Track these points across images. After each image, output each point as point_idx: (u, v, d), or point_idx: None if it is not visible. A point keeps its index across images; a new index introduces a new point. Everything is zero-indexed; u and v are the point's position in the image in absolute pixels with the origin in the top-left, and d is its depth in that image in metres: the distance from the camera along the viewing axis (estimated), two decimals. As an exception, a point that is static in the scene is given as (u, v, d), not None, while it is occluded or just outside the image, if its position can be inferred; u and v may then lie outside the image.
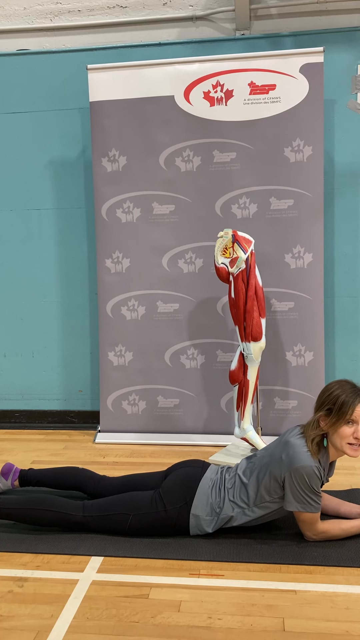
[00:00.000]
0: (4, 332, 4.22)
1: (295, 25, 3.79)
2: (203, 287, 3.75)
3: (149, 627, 1.90)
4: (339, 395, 2.28)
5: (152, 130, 3.67)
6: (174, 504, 2.42)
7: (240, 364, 3.27)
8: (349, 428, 2.26)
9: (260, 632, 1.87)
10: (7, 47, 4.03)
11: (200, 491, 2.42)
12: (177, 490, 2.44)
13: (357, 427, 2.26)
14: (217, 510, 2.40)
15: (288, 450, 2.33)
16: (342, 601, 2.02)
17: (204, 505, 2.41)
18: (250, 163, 3.62)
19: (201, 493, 2.42)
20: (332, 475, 2.50)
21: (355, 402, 2.26)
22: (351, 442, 2.27)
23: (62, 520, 2.46)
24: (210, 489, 2.43)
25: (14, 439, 3.89)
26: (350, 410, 2.24)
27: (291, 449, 2.32)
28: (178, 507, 2.41)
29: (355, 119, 3.76)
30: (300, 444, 2.32)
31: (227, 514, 2.40)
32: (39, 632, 1.90)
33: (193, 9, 3.86)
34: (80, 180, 4.03)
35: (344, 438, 2.27)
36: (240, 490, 2.41)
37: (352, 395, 2.27)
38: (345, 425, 2.27)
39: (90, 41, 3.97)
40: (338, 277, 3.89)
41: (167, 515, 2.41)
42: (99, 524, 2.46)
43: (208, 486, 2.44)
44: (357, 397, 2.27)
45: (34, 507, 2.48)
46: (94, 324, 4.10)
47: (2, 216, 4.13)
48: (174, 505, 2.42)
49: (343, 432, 2.27)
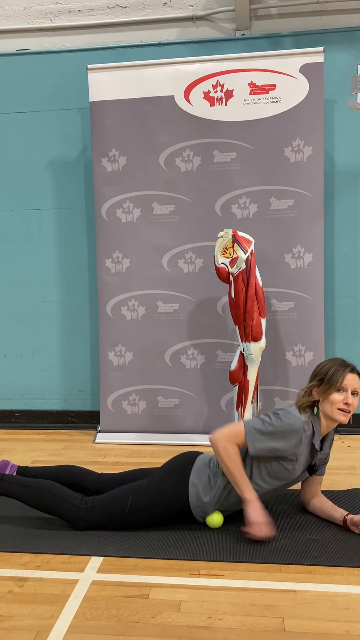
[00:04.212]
0: (4, 332, 4.22)
1: (295, 25, 3.79)
2: (203, 287, 3.75)
3: (149, 627, 1.90)
4: (330, 367, 2.40)
5: (152, 130, 3.67)
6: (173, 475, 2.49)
7: (240, 364, 3.27)
8: (339, 395, 2.36)
9: (260, 632, 1.87)
10: (7, 47, 4.03)
11: (198, 464, 2.52)
12: (175, 466, 2.54)
13: (347, 394, 2.36)
14: (213, 479, 2.46)
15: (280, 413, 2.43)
16: (342, 601, 2.02)
17: (201, 474, 2.48)
18: (250, 163, 3.62)
19: (199, 464, 2.52)
20: (328, 462, 2.59)
21: (345, 371, 2.37)
22: (341, 407, 2.36)
23: (63, 508, 2.48)
24: (208, 461, 2.53)
25: (14, 439, 3.89)
26: (341, 379, 2.36)
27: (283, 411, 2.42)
28: (177, 477, 2.48)
29: (355, 119, 3.76)
30: (292, 409, 2.42)
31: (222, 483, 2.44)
32: (39, 632, 1.90)
33: (193, 9, 3.86)
34: (80, 180, 4.03)
35: (335, 404, 2.36)
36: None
37: (342, 366, 2.39)
38: (336, 392, 2.36)
39: (90, 41, 3.97)
40: (338, 277, 3.89)
41: (165, 487, 2.46)
42: (99, 512, 2.47)
43: (206, 459, 2.55)
44: (347, 368, 2.39)
45: (39, 488, 2.52)
46: (94, 324, 4.10)
47: (2, 216, 4.13)
48: (173, 476, 2.48)
49: (334, 399, 2.36)
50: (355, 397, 2.38)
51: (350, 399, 2.36)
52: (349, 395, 2.36)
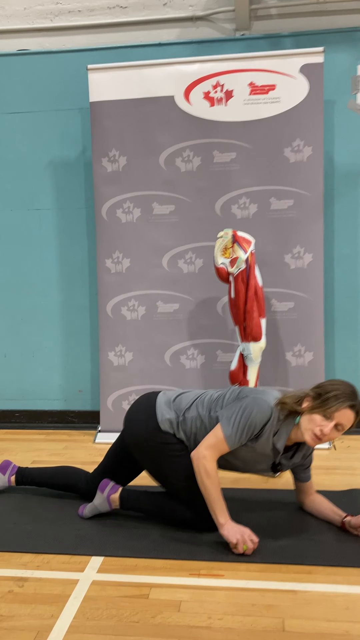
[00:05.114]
0: (4, 332, 4.22)
1: (295, 25, 3.79)
2: (203, 287, 3.75)
3: (149, 627, 1.90)
4: (335, 390, 2.22)
5: (152, 130, 3.67)
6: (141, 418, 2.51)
7: (240, 364, 3.27)
8: (322, 420, 2.19)
9: (260, 632, 1.87)
10: (7, 47, 4.03)
11: (160, 413, 2.49)
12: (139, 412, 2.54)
13: (329, 425, 2.18)
14: (174, 402, 2.50)
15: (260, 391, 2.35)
16: (342, 601, 2.02)
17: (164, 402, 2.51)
18: (250, 163, 3.62)
19: (161, 412, 2.49)
20: (311, 463, 2.54)
21: (343, 404, 2.19)
22: (316, 432, 2.20)
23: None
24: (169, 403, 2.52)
25: (14, 439, 3.89)
26: (334, 408, 2.18)
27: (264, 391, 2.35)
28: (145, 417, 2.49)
29: (355, 119, 3.76)
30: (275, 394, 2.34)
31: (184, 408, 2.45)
32: (39, 632, 1.90)
33: (193, 9, 3.86)
34: (80, 180, 4.03)
35: (312, 424, 2.21)
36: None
37: (345, 397, 2.20)
38: (321, 416, 2.20)
39: (90, 41, 3.97)
40: (338, 277, 3.89)
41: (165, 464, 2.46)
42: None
43: (164, 402, 2.53)
44: (348, 402, 2.20)
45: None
46: (94, 324, 4.10)
47: (2, 216, 4.13)
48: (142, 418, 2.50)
49: (314, 419, 2.21)
50: (336, 431, 2.21)
51: (328, 430, 2.18)
52: (331, 425, 2.18)
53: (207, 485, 2.31)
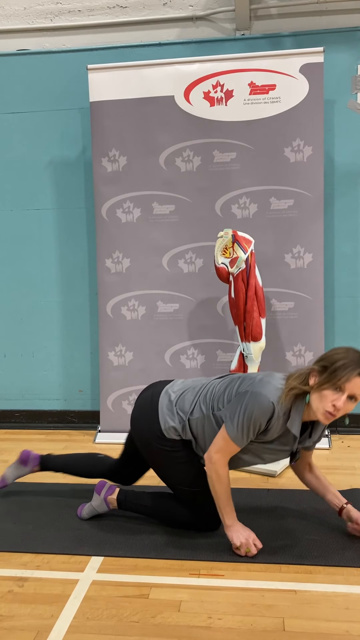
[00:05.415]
0: (4, 332, 4.22)
1: (295, 25, 3.78)
2: (203, 287, 3.75)
3: (149, 627, 1.90)
4: (342, 358, 2.07)
5: (152, 130, 3.67)
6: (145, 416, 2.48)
7: (240, 364, 3.27)
8: (333, 394, 2.06)
9: (260, 632, 1.87)
10: (7, 47, 4.03)
11: (162, 412, 2.45)
12: (142, 411, 2.51)
13: (342, 397, 2.05)
14: (176, 405, 2.45)
15: (260, 381, 2.24)
16: (342, 601, 2.02)
17: (166, 402, 2.47)
18: (250, 163, 3.62)
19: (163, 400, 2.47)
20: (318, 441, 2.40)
21: (353, 372, 2.05)
22: (328, 409, 2.07)
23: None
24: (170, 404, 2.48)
25: (14, 439, 3.89)
26: (344, 378, 2.04)
27: (265, 379, 2.23)
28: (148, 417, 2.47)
29: (355, 119, 3.76)
30: (276, 383, 2.20)
31: (186, 407, 2.41)
32: (39, 632, 1.90)
33: (193, 9, 3.86)
34: (80, 180, 4.03)
35: (323, 402, 2.08)
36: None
37: (354, 365, 2.06)
38: (331, 390, 2.07)
39: (90, 41, 3.97)
40: (338, 277, 3.89)
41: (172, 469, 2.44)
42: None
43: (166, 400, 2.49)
44: (358, 369, 2.05)
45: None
46: (94, 324, 4.10)
47: (2, 216, 4.13)
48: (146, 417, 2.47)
49: (325, 395, 2.07)
50: (352, 401, 2.09)
51: (342, 403, 2.05)
52: (343, 398, 2.06)
53: (217, 489, 2.30)
